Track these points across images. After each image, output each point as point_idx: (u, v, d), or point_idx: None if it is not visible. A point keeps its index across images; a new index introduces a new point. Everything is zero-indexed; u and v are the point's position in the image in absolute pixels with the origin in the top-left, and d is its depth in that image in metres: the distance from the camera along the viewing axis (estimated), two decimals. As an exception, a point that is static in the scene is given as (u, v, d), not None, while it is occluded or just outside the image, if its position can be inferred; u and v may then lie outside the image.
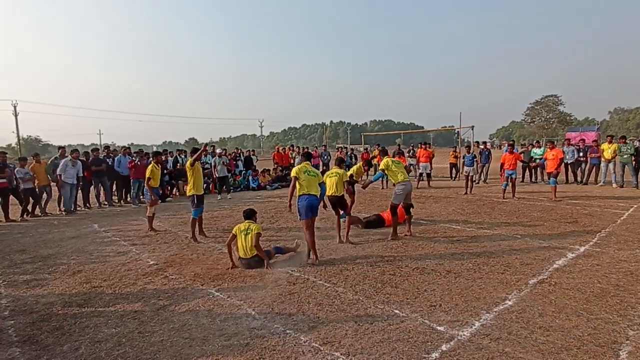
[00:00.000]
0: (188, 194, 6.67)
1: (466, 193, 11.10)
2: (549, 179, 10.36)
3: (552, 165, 10.22)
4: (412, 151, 15.88)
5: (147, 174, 7.33)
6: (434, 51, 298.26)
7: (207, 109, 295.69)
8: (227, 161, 13.20)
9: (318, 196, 5.29)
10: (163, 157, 11.96)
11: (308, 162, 5.58)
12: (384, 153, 7.51)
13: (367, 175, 13.19)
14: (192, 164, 6.48)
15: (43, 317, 3.71)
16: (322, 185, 5.49)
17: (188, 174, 6.55)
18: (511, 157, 10.19)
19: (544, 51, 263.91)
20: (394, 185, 6.34)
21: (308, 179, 5.23)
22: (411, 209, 6.57)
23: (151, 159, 8.41)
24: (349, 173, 7.17)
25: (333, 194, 5.90)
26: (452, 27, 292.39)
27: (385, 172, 6.37)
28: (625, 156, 11.52)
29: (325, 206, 6.01)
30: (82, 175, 10.15)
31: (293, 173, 5.35)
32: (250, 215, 5.24)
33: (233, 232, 5.04)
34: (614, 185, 11.76)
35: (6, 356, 3.03)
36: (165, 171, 12.85)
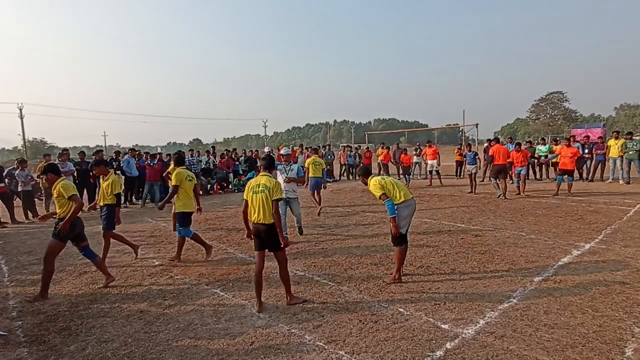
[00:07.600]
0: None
1: (471, 192, 11.02)
2: (562, 175, 10.20)
3: (567, 163, 10.12)
4: (418, 149, 15.82)
5: (172, 178, 7.36)
6: (438, 48, 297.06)
7: (211, 109, 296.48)
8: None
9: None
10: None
11: (316, 155, 8.21)
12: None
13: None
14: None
15: (50, 318, 3.75)
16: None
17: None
18: (519, 154, 10.20)
19: (548, 47, 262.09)
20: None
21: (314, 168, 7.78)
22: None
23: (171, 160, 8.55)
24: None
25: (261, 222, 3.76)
26: (455, 24, 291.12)
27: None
28: (631, 152, 11.42)
29: None
30: (74, 174, 10.07)
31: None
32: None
33: None
34: (621, 181, 11.67)
35: (14, 356, 3.07)
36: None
